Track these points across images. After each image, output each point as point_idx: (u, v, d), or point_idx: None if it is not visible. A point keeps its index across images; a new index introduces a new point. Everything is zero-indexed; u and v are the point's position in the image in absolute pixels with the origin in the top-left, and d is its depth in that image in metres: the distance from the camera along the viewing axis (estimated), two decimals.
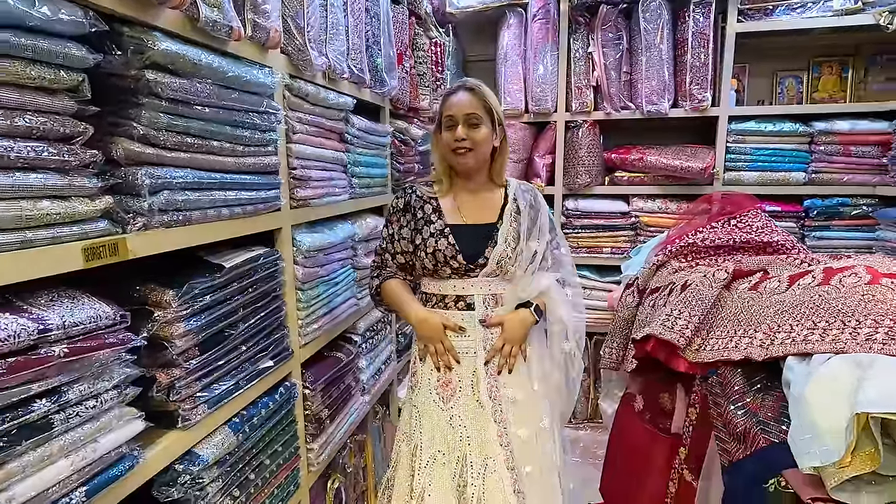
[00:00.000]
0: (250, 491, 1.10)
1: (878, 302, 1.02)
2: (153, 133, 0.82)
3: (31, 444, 0.63)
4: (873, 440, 0.78)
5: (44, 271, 0.65)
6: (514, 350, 1.32)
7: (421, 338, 1.35)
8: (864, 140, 2.28)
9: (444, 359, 1.33)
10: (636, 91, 2.45)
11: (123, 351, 0.76)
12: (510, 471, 1.34)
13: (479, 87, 1.33)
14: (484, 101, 1.30)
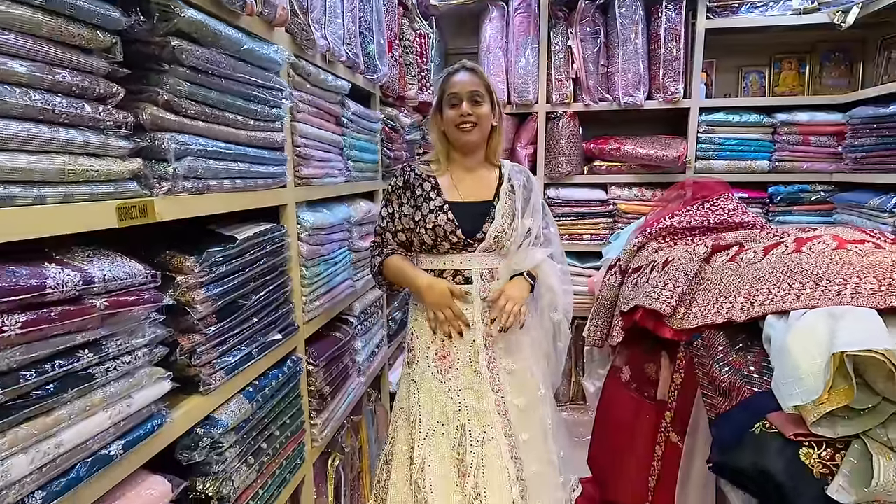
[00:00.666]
0: (263, 460, 1.12)
1: (846, 264, 1.13)
2: (176, 100, 0.84)
3: (75, 392, 0.64)
4: (847, 378, 0.87)
5: (83, 226, 0.67)
6: (516, 308, 1.34)
7: (430, 305, 1.37)
8: (821, 130, 2.45)
9: (455, 324, 1.35)
10: (613, 83, 2.56)
11: (154, 311, 0.78)
12: (508, 438, 1.40)
13: (478, 67, 1.39)
14: (484, 81, 1.36)
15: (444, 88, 1.39)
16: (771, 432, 0.96)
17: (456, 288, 1.35)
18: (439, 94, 1.42)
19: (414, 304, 1.52)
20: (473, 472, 1.39)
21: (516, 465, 1.40)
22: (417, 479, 1.43)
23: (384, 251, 1.45)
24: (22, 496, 0.58)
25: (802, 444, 0.91)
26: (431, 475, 1.42)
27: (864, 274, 1.07)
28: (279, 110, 1.17)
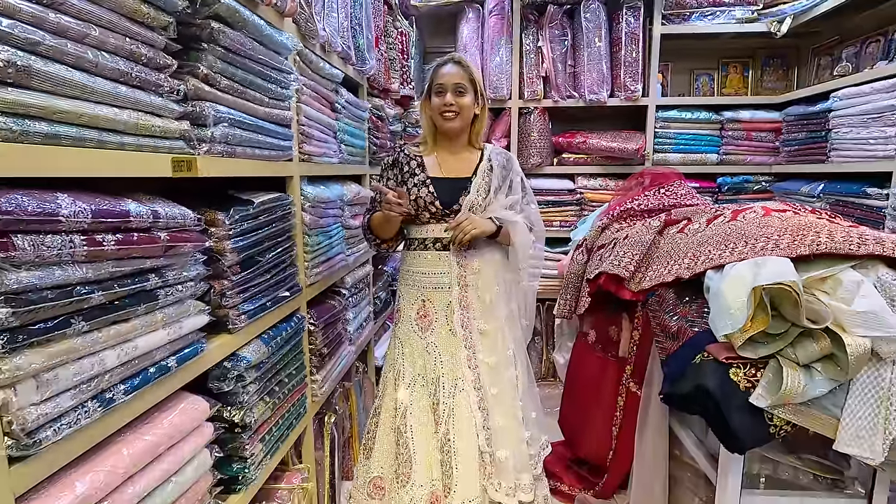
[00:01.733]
0: (275, 401, 1.25)
1: (769, 227, 1.36)
2: (212, 75, 0.98)
3: (145, 308, 0.78)
4: (764, 310, 1.09)
5: (150, 172, 0.80)
6: (469, 228, 1.47)
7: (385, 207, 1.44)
8: (761, 127, 2.75)
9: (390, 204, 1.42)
10: (579, 82, 2.79)
11: (198, 251, 0.91)
12: (476, 390, 1.57)
13: (465, 60, 1.56)
14: (469, 73, 1.54)
15: (433, 78, 1.56)
16: (708, 360, 1.17)
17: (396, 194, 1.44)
18: (429, 83, 1.59)
19: (401, 273, 1.68)
20: (444, 420, 1.56)
21: (483, 415, 1.56)
22: (400, 426, 1.59)
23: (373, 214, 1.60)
24: (112, 384, 0.72)
25: (732, 366, 1.12)
26: (412, 422, 1.58)
27: (782, 233, 1.29)
28: (288, 91, 1.32)
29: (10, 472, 0.58)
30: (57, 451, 0.64)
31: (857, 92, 2.10)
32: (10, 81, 0.57)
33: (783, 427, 1.08)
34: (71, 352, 0.64)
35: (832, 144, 2.26)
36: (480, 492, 1.54)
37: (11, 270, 0.56)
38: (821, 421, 1.07)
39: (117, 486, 0.72)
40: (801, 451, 1.31)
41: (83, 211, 0.64)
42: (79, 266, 0.65)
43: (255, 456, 1.15)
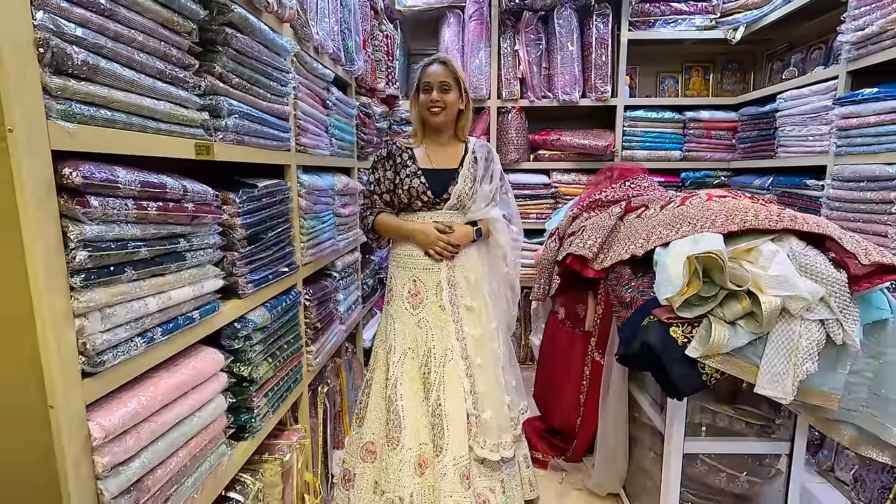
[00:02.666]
0: (277, 363, 1.41)
1: (710, 210, 1.56)
2: (226, 73, 1.14)
3: (176, 266, 0.94)
4: (698, 276, 1.28)
5: (179, 153, 0.96)
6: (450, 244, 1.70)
7: (424, 245, 1.71)
8: (720, 126, 2.99)
9: (450, 250, 1.69)
10: (553, 83, 2.99)
11: (216, 222, 1.07)
12: (464, 360, 1.75)
13: (450, 61, 1.73)
14: (454, 72, 1.71)
15: (421, 76, 1.73)
16: (654, 322, 1.36)
17: (440, 226, 1.70)
18: (417, 81, 1.75)
19: (392, 255, 1.85)
20: (436, 387, 1.74)
21: (470, 381, 1.74)
22: (391, 395, 1.76)
23: (374, 211, 1.78)
24: (152, 325, 0.87)
25: (672, 325, 1.31)
26: (402, 391, 1.75)
27: (719, 214, 1.50)
28: (286, 88, 1.48)
29: (83, 385, 0.74)
30: (114, 373, 0.79)
31: (798, 94, 2.33)
32: (84, 77, 0.73)
33: (713, 375, 1.28)
34: (125, 294, 0.80)
35: (779, 141, 2.50)
36: (468, 451, 1.71)
37: (87, 223, 0.72)
38: (743, 368, 1.27)
39: (155, 410, 0.88)
40: (736, 402, 1.51)
41: (134, 181, 0.80)
42: (130, 225, 0.80)
43: (260, 408, 1.30)
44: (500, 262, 1.89)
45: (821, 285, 1.24)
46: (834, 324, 1.24)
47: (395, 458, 1.74)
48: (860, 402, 1.35)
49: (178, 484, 0.95)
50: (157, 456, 0.88)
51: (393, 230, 1.76)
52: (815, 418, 1.37)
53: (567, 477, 2.12)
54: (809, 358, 1.23)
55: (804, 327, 1.24)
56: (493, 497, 1.76)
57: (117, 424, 0.78)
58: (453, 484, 1.66)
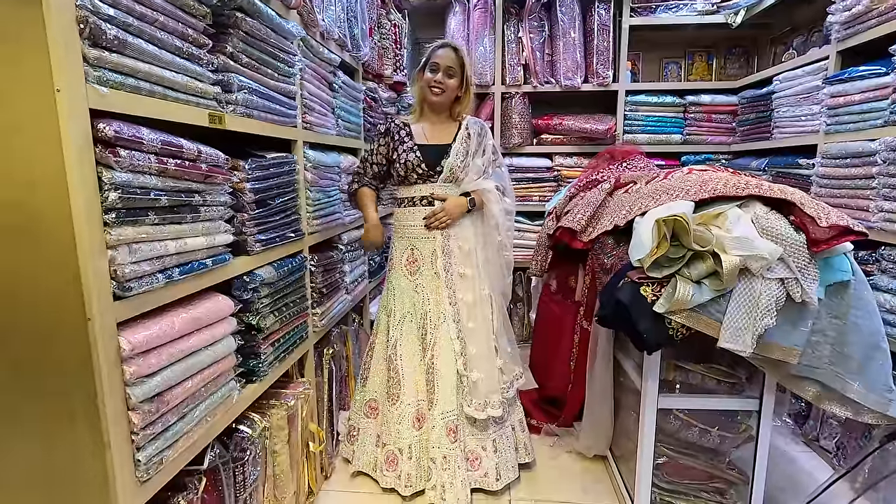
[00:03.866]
0: (283, 318, 1.56)
1: (688, 182, 1.65)
2: (236, 53, 1.28)
3: (191, 217, 1.09)
4: (666, 239, 1.39)
5: (195, 120, 1.11)
6: (444, 217, 1.85)
7: (366, 237, 1.93)
8: (721, 109, 3.03)
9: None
10: (556, 69, 3.08)
11: (227, 184, 1.22)
12: (455, 323, 1.88)
13: (461, 49, 1.84)
14: (461, 60, 1.83)
15: (430, 56, 1.85)
16: (627, 283, 1.47)
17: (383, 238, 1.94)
18: (426, 58, 1.87)
19: (394, 227, 1.98)
20: (430, 347, 1.88)
21: (461, 343, 1.87)
22: (391, 354, 1.90)
23: (362, 180, 1.93)
24: (171, 265, 1.03)
25: (642, 284, 1.42)
26: (402, 351, 1.90)
27: (694, 184, 1.59)
28: (293, 69, 1.62)
29: (114, 305, 0.89)
30: (139, 300, 0.95)
31: (793, 75, 2.38)
32: (116, 49, 0.88)
33: (679, 330, 1.38)
34: (148, 234, 0.95)
35: (774, 123, 2.55)
36: (457, 407, 1.85)
37: (118, 170, 0.87)
38: (707, 324, 1.37)
39: (173, 338, 1.03)
40: (709, 362, 1.61)
41: (156, 139, 0.95)
42: (153, 176, 0.96)
43: (266, 356, 1.46)
44: (493, 232, 2.00)
45: (780, 246, 1.33)
46: (793, 283, 1.33)
47: (395, 413, 1.89)
48: (823, 360, 1.44)
49: (192, 405, 1.11)
50: (175, 376, 1.03)
51: (360, 207, 1.98)
52: (781, 374, 1.46)
53: (558, 441, 2.24)
54: (768, 313, 1.32)
55: (764, 285, 1.33)
56: (485, 455, 1.90)
57: (142, 342, 0.93)
58: (441, 436, 1.81)
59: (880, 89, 1.83)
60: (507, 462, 1.94)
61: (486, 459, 1.89)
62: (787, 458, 2.14)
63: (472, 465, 1.88)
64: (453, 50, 1.84)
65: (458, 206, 1.86)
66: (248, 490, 1.37)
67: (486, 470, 1.88)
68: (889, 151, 1.75)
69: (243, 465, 1.35)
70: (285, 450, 1.61)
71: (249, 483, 1.37)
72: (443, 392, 1.85)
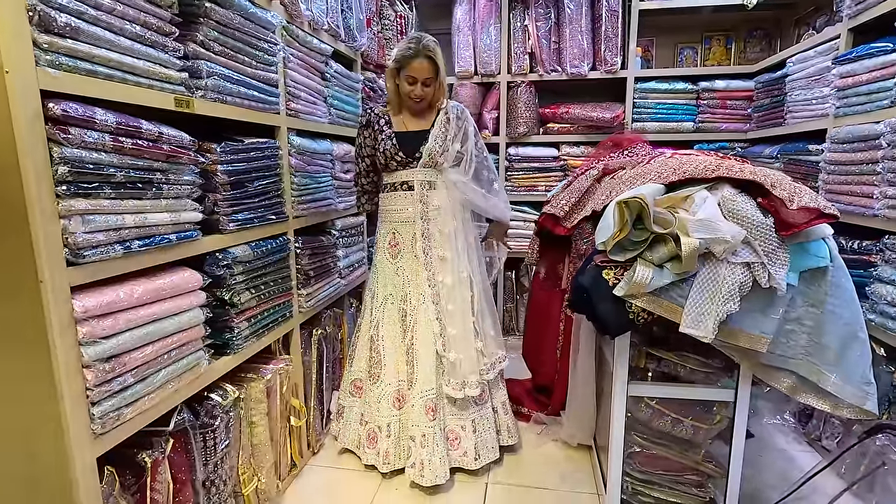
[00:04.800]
0: (261, 296, 1.64)
1: (666, 166, 1.61)
2: (207, 41, 1.36)
3: (153, 193, 1.17)
4: (628, 221, 1.36)
5: (157, 103, 1.19)
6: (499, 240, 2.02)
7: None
8: (736, 95, 2.90)
9: None
10: (563, 57, 3.04)
11: (194, 164, 1.30)
12: (435, 305, 1.91)
13: (434, 53, 1.81)
14: (437, 67, 1.82)
15: (405, 65, 1.81)
16: (590, 266, 1.46)
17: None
18: (400, 64, 1.82)
19: (379, 212, 2.03)
20: (410, 329, 1.92)
21: (440, 324, 1.90)
22: (373, 335, 1.96)
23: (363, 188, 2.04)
24: (130, 237, 1.11)
25: (605, 268, 1.40)
26: (383, 332, 1.95)
27: (669, 168, 1.55)
28: (273, 58, 1.69)
29: (67, 270, 0.98)
30: (95, 268, 1.03)
31: (805, 56, 2.26)
32: (69, 35, 0.96)
33: (640, 314, 1.35)
34: (102, 207, 1.03)
35: (787, 108, 2.42)
36: (437, 386, 1.88)
37: (67, 146, 0.95)
38: (668, 308, 1.33)
39: (132, 305, 1.12)
40: (682, 350, 1.57)
41: (111, 119, 1.03)
42: (107, 153, 1.04)
43: (241, 330, 1.54)
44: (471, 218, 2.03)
45: (746, 229, 1.28)
46: (759, 267, 1.28)
47: (376, 392, 1.94)
48: (799, 350, 1.38)
49: (154, 369, 1.19)
50: (134, 340, 1.11)
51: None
52: (752, 364, 1.41)
53: (546, 429, 2.23)
54: (731, 299, 1.28)
55: (728, 270, 1.29)
56: (464, 434, 1.92)
57: (95, 306, 1.02)
58: (419, 415, 1.84)
59: (888, 67, 1.71)
60: (487, 442, 1.96)
61: (465, 439, 1.92)
62: (786, 457, 2.05)
63: (452, 445, 1.91)
64: (427, 59, 1.80)
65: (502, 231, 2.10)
66: (219, 455, 1.45)
67: (465, 449, 1.91)
68: (894, 133, 1.64)
69: (214, 431, 1.43)
70: (264, 422, 1.69)
71: (220, 449, 1.45)
72: (422, 372, 1.88)
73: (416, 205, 1.91)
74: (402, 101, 1.92)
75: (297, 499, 1.83)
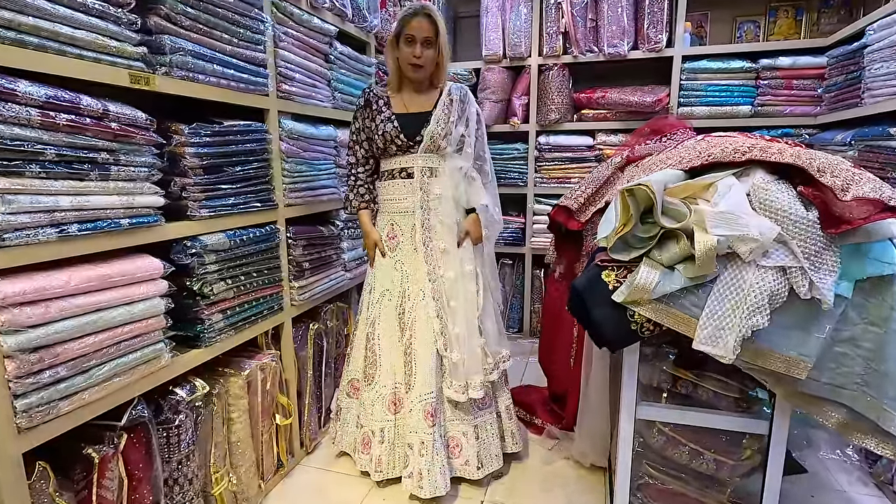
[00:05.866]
0: (240, 287, 1.55)
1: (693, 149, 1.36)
2: (173, 14, 1.27)
3: (97, 174, 1.09)
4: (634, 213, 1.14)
5: (106, 79, 1.11)
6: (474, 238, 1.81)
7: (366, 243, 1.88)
8: (804, 74, 2.51)
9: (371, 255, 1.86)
10: (600, 36, 2.76)
11: (153, 146, 1.22)
12: (436, 301, 1.75)
13: (434, 12, 1.67)
14: (437, 26, 1.67)
15: (403, 26, 1.68)
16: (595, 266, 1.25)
17: (381, 244, 1.83)
18: (398, 29, 1.71)
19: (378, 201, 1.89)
20: (409, 326, 1.77)
21: (441, 322, 1.74)
22: (368, 332, 1.83)
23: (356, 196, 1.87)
24: (66, 221, 1.04)
25: (606, 268, 1.19)
26: (379, 330, 1.82)
27: (695, 152, 1.30)
28: (261, 36, 1.59)
29: None
30: (21, 251, 0.97)
31: (890, 21, 1.87)
32: None
33: (645, 325, 1.13)
34: (27, 186, 0.96)
35: (866, 85, 2.04)
36: (436, 389, 1.73)
37: None
38: (679, 319, 1.10)
39: (68, 293, 1.05)
40: (703, 368, 1.32)
41: (36, 93, 0.96)
42: (34, 129, 0.97)
43: (213, 323, 1.46)
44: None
45: (781, 225, 1.03)
46: (798, 273, 1.02)
47: (371, 394, 1.82)
48: (854, 378, 1.10)
49: (99, 361, 1.12)
50: (70, 330, 1.05)
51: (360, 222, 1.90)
52: (789, 392, 1.14)
53: (558, 445, 2.02)
54: (759, 311, 1.03)
55: (757, 275, 1.04)
56: (466, 441, 1.77)
57: (18, 292, 0.95)
58: (418, 420, 1.70)
59: None
60: (490, 450, 1.81)
61: (467, 446, 1.77)
62: (845, 500, 1.72)
63: (453, 452, 1.76)
64: (427, 17, 1.66)
65: (477, 224, 1.81)
66: (183, 452, 1.38)
67: (466, 457, 1.75)
68: None
69: (178, 427, 1.36)
70: (243, 419, 1.62)
71: (184, 446, 1.38)
72: (421, 374, 1.74)
73: (415, 193, 1.76)
74: (403, 77, 1.77)
75: (280, 501, 1.75)
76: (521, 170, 3.03)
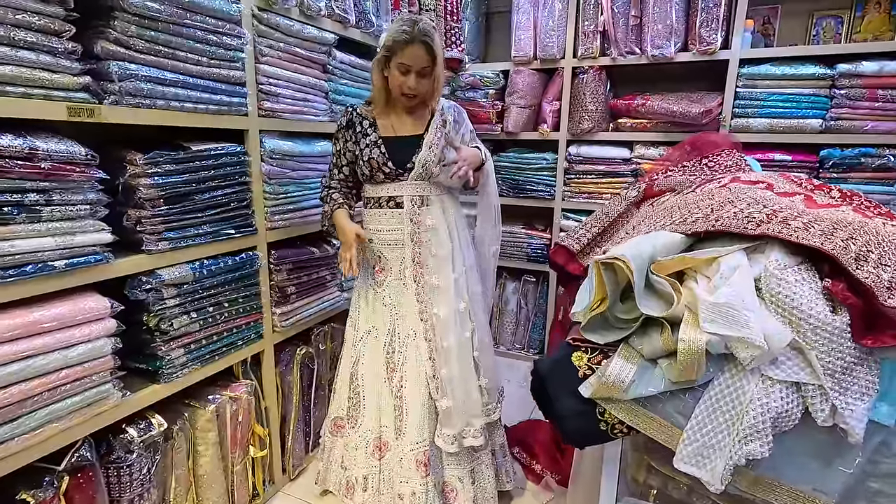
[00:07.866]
0: (208, 319, 1.49)
1: (709, 199, 1.11)
2: (124, 38, 1.19)
3: (25, 217, 1.04)
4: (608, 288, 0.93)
5: (38, 115, 1.05)
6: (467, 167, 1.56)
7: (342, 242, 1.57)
8: (894, 83, 2.08)
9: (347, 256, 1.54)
10: (643, 35, 2.44)
11: (95, 181, 1.15)
12: (427, 341, 1.60)
13: (432, 38, 1.47)
14: (433, 54, 1.48)
15: (397, 52, 1.48)
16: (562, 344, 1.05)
17: (363, 232, 1.55)
18: (391, 51, 1.49)
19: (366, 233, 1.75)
20: (399, 368, 1.64)
21: (433, 364, 1.60)
22: (353, 373, 1.72)
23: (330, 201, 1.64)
24: None
25: (577, 349, 0.99)
26: (363, 371, 1.70)
27: (709, 207, 1.05)
28: (239, 53, 1.49)
29: None
30: None
31: None
32: None
33: (616, 426, 0.93)
34: None
35: None
36: (430, 436, 1.61)
37: None
38: (658, 426, 0.89)
39: None
40: None
41: None
42: None
43: (174, 358, 1.40)
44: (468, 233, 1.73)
45: (796, 329, 0.78)
46: (815, 392, 0.78)
47: (355, 438, 1.72)
48: None
49: (29, 409, 1.08)
50: None
51: (337, 225, 1.61)
52: None
53: (551, 502, 1.83)
54: (757, 435, 0.80)
55: (761, 389, 0.81)
56: (461, 486, 1.65)
57: None
58: (409, 470, 1.60)
59: None
60: (486, 492, 1.71)
61: (462, 492, 1.65)
62: None
63: (447, 498, 1.65)
64: (423, 44, 1.46)
65: (475, 156, 1.64)
66: (136, 491, 1.34)
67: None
68: None
69: (129, 466, 1.32)
70: (211, 451, 1.57)
71: (137, 484, 1.34)
72: (412, 421, 1.62)
73: (405, 224, 1.60)
74: (390, 99, 1.60)
75: None
76: (549, 181, 2.79)
